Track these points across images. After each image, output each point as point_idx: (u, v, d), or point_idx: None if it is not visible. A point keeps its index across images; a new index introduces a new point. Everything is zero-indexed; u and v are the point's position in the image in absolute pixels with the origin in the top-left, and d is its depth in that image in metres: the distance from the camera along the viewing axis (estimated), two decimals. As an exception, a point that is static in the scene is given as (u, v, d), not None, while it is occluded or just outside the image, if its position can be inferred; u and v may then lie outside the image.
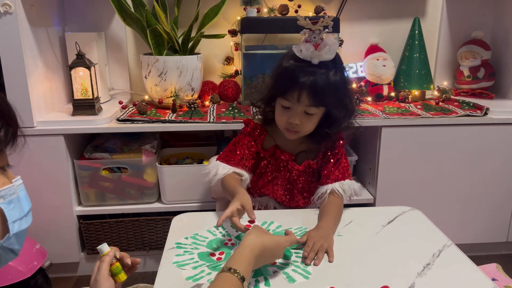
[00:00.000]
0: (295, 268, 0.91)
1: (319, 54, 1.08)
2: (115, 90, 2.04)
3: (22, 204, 0.65)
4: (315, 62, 1.08)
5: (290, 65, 1.11)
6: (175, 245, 1.00)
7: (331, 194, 1.17)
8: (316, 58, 1.08)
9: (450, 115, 1.77)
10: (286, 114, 1.13)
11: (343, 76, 1.14)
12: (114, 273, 0.84)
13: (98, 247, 0.86)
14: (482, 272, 0.89)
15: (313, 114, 1.13)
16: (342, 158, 1.23)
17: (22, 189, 0.66)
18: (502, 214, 1.90)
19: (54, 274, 1.79)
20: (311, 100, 1.09)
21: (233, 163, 1.20)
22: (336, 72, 1.11)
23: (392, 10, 2.11)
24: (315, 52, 1.08)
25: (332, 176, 1.20)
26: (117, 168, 1.75)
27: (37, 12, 1.64)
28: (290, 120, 1.13)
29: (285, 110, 1.13)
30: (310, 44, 1.09)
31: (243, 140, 1.24)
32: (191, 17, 1.87)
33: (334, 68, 1.11)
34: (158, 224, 1.82)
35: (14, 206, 0.63)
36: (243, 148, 1.23)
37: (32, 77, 1.59)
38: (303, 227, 1.09)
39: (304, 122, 1.13)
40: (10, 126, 0.60)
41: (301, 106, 1.10)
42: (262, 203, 1.29)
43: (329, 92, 1.09)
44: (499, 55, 2.10)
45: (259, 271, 0.89)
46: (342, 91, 1.13)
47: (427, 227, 1.09)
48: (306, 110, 1.11)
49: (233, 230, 1.07)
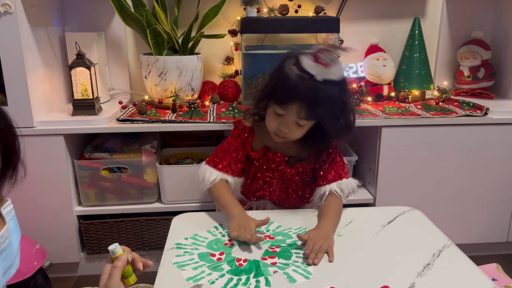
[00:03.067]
0: (296, 268, 0.91)
1: (326, 71, 1.05)
2: (115, 90, 2.04)
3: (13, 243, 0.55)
4: (319, 79, 1.05)
5: (292, 73, 1.07)
6: (175, 246, 1.00)
7: (329, 194, 1.17)
8: (321, 76, 1.05)
9: (450, 115, 1.77)
10: (277, 120, 1.13)
11: (346, 93, 1.12)
12: (124, 276, 0.80)
13: (109, 248, 0.81)
14: (482, 272, 0.89)
15: (304, 125, 1.13)
16: (337, 157, 1.22)
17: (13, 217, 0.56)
18: (502, 214, 1.90)
19: (54, 274, 1.79)
20: (306, 114, 1.08)
21: (221, 167, 1.20)
22: (339, 92, 1.08)
23: (392, 10, 2.11)
24: (322, 69, 1.05)
25: (329, 176, 1.19)
26: (117, 168, 1.75)
27: (37, 12, 1.64)
28: (280, 127, 1.13)
29: (278, 116, 1.13)
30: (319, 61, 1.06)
31: (231, 143, 1.24)
32: (191, 17, 1.87)
33: (337, 85, 1.08)
34: (158, 224, 1.82)
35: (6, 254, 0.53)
36: (231, 152, 1.22)
37: (32, 77, 1.59)
38: (303, 227, 1.09)
39: (294, 130, 1.14)
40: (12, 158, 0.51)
41: (294, 117, 1.10)
42: (260, 205, 1.29)
43: (326, 109, 1.08)
44: (499, 55, 2.10)
45: (260, 272, 0.89)
46: (340, 108, 1.11)
47: (427, 227, 1.10)
48: (298, 122, 1.11)
49: None
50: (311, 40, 1.98)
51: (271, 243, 1.01)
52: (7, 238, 0.53)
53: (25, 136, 1.59)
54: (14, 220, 0.56)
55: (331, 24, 1.82)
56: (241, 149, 1.23)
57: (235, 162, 1.22)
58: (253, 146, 1.25)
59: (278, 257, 0.95)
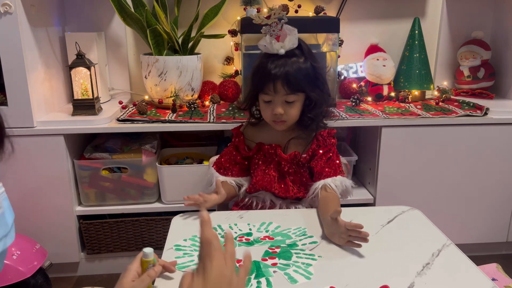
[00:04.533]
0: (296, 268, 0.90)
1: (282, 44, 1.16)
2: (115, 90, 2.04)
3: (6, 218, 0.60)
4: (281, 53, 1.17)
5: (261, 61, 1.20)
6: (174, 247, 1.00)
7: (324, 190, 1.18)
8: (281, 49, 1.16)
9: (450, 115, 1.77)
10: (269, 107, 1.21)
11: (313, 60, 1.21)
12: None
13: (145, 250, 0.84)
14: (482, 272, 0.89)
15: (294, 102, 1.20)
16: (334, 156, 1.25)
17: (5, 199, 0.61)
18: (502, 214, 1.90)
19: (54, 274, 1.79)
20: (286, 89, 1.16)
21: (222, 172, 1.33)
22: (305, 59, 1.19)
23: (392, 10, 2.11)
24: (278, 44, 1.16)
25: (324, 173, 1.22)
26: (117, 168, 1.75)
27: (37, 12, 1.64)
28: (274, 112, 1.20)
29: (268, 104, 1.21)
30: (272, 37, 1.17)
31: (228, 149, 1.35)
32: (191, 17, 1.87)
33: (302, 55, 1.19)
34: (158, 224, 1.82)
35: (0, 223, 0.58)
36: (228, 155, 1.33)
37: (32, 77, 1.59)
38: (302, 227, 1.08)
39: (287, 110, 1.20)
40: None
41: (280, 96, 1.18)
42: (259, 197, 1.30)
43: (302, 78, 1.17)
44: (499, 55, 2.10)
45: (261, 272, 0.89)
46: (313, 74, 1.20)
47: (427, 227, 1.10)
48: (285, 99, 1.19)
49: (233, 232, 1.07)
50: (311, 40, 1.98)
51: (271, 243, 1.01)
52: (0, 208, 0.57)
53: (25, 136, 1.59)
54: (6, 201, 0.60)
55: (331, 24, 1.82)
56: (235, 152, 1.32)
57: (232, 164, 1.32)
58: (247, 146, 1.32)
59: (279, 258, 0.94)
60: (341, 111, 1.80)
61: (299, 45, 1.19)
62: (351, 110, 1.83)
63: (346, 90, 2.06)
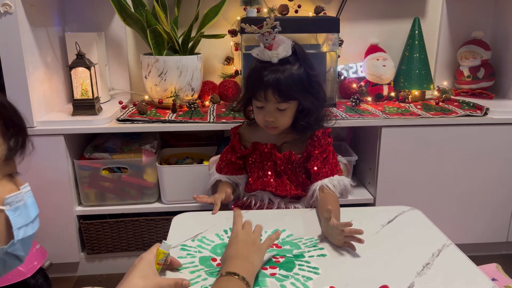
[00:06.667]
0: (294, 281, 0.86)
1: (276, 53, 1.15)
2: (115, 90, 2.04)
3: (29, 211, 0.68)
4: (274, 61, 1.15)
5: (255, 67, 1.20)
6: (180, 246, 1.00)
7: (322, 191, 1.18)
8: (274, 58, 1.15)
9: (450, 115, 1.77)
10: (261, 113, 1.21)
11: (307, 66, 1.19)
12: None
13: (164, 241, 0.90)
14: (482, 272, 0.89)
15: (286, 109, 1.19)
16: (330, 155, 1.24)
17: (30, 196, 0.69)
18: (502, 214, 1.90)
19: (54, 274, 1.80)
20: (278, 97, 1.15)
21: (220, 170, 1.36)
22: (300, 66, 1.17)
23: (392, 10, 2.11)
24: (270, 53, 1.15)
25: (321, 173, 1.22)
26: (117, 168, 1.75)
27: (37, 12, 1.64)
28: (265, 118, 1.20)
29: (260, 109, 1.21)
30: (264, 46, 1.17)
31: (226, 148, 1.37)
32: (191, 17, 1.87)
33: (297, 61, 1.17)
34: (158, 224, 1.82)
35: (21, 212, 0.65)
36: (226, 155, 1.35)
37: (32, 77, 1.59)
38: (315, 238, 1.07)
39: (279, 117, 1.20)
40: (20, 136, 0.63)
41: (271, 103, 1.17)
42: (258, 196, 1.30)
43: (294, 86, 1.16)
44: (499, 55, 2.10)
45: (257, 282, 0.87)
46: (308, 82, 1.19)
47: (427, 227, 1.09)
48: (277, 107, 1.18)
49: None
50: (311, 40, 1.98)
51: (277, 252, 0.98)
52: (21, 200, 0.64)
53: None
54: (31, 199, 0.68)
55: (331, 24, 1.82)
56: (232, 151, 1.34)
57: (228, 163, 1.34)
58: (244, 145, 1.33)
59: (279, 268, 0.91)
60: (341, 111, 1.80)
61: (294, 51, 1.18)
62: (351, 110, 1.83)
63: (346, 90, 2.06)
